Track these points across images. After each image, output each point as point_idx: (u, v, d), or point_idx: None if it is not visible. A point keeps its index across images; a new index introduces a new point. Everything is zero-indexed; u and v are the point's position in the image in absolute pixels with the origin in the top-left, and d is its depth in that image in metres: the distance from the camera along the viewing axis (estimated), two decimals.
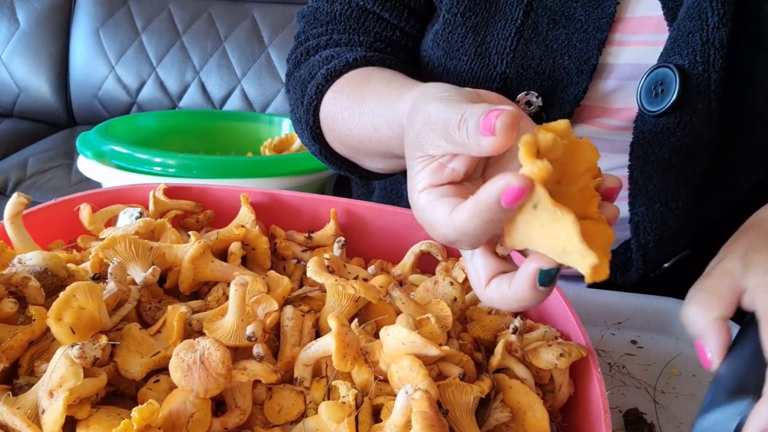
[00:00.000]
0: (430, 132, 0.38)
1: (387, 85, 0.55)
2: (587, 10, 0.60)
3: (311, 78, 0.66)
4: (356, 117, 0.58)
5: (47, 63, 2.08)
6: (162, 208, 0.61)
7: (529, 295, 0.36)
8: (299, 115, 0.69)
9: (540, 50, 0.62)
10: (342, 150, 0.67)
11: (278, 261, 0.60)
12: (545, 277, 0.35)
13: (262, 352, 0.43)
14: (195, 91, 2.01)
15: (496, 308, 0.40)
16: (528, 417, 0.45)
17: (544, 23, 0.61)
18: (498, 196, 0.33)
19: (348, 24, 0.70)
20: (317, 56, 0.68)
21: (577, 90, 0.62)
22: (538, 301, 0.37)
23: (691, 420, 0.56)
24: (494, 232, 0.36)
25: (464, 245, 0.37)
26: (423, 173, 0.39)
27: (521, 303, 0.37)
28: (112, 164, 1.18)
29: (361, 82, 0.60)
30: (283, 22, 1.97)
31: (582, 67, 0.61)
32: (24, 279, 0.44)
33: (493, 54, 0.63)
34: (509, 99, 0.64)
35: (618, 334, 0.66)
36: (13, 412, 0.36)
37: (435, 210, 0.38)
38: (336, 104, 0.62)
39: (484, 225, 0.35)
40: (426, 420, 0.36)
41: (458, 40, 0.64)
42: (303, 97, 0.67)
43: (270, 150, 1.45)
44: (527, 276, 0.35)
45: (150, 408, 0.36)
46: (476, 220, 0.34)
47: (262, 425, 0.42)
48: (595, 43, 0.60)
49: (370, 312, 0.50)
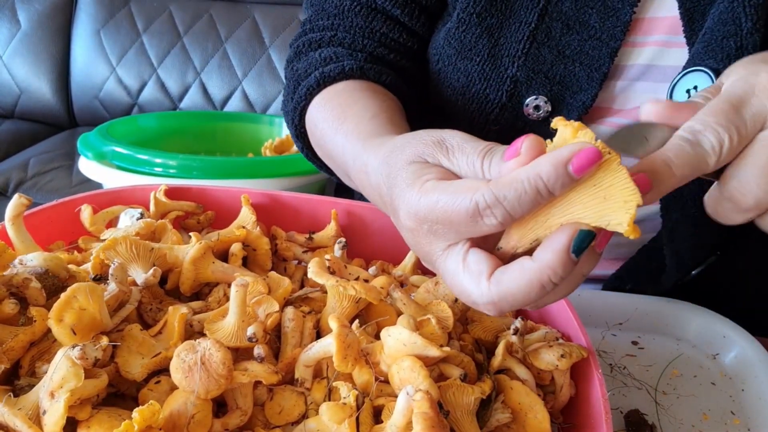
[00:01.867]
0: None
1: (369, 119, 0.55)
2: (602, 17, 0.60)
3: (306, 76, 0.66)
4: (333, 133, 0.58)
5: (48, 64, 2.08)
6: (163, 209, 0.61)
7: (559, 265, 0.34)
8: (288, 109, 0.69)
9: (552, 55, 0.62)
10: (320, 154, 0.67)
11: (279, 262, 0.60)
12: (583, 240, 0.34)
13: (262, 353, 0.43)
14: (196, 92, 2.02)
15: (493, 311, 0.39)
16: (529, 418, 0.45)
17: (557, 28, 0.61)
18: (565, 163, 0.32)
19: (355, 21, 0.69)
20: (317, 53, 0.68)
21: (586, 97, 0.62)
22: (562, 276, 0.34)
23: (692, 421, 0.56)
24: (529, 212, 0.35)
25: (494, 219, 0.35)
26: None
27: (546, 284, 0.35)
28: (113, 165, 1.18)
29: (348, 102, 0.59)
30: (283, 23, 1.97)
31: (593, 74, 0.61)
32: (25, 280, 0.44)
33: (505, 56, 0.63)
34: (518, 103, 0.64)
35: (619, 335, 0.66)
36: (14, 413, 0.36)
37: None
38: (320, 113, 0.62)
39: (532, 196, 0.33)
40: (427, 421, 0.36)
41: (472, 40, 0.64)
42: (294, 94, 0.67)
43: (271, 151, 1.45)
44: (560, 243, 0.34)
45: (151, 409, 0.36)
46: (527, 186, 0.33)
47: (263, 426, 0.42)
48: (608, 51, 0.60)
49: (371, 313, 0.50)
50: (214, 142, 1.63)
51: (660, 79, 0.61)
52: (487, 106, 0.66)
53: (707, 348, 0.64)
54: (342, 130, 0.56)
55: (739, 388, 0.59)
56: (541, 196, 0.33)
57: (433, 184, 0.37)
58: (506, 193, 0.33)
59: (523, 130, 0.65)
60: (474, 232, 0.36)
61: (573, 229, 0.34)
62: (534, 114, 0.64)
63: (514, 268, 0.36)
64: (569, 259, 0.34)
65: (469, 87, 0.66)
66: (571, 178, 0.33)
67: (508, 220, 0.35)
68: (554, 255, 0.34)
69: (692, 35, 0.58)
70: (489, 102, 0.65)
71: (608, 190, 0.33)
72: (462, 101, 0.67)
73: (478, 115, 0.67)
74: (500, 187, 0.34)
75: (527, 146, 0.34)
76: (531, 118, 0.64)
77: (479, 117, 0.67)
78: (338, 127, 0.57)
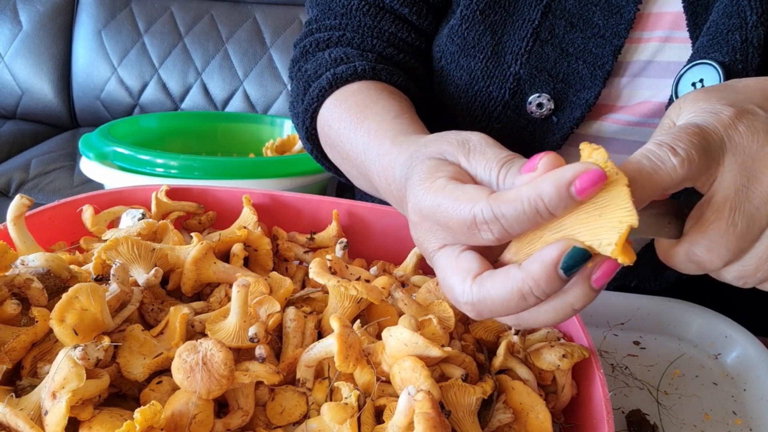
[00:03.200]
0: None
1: (393, 119, 0.54)
2: (606, 15, 0.60)
3: (316, 77, 0.66)
4: (351, 132, 0.57)
5: (50, 65, 2.08)
6: (164, 209, 0.61)
7: (543, 278, 0.32)
8: (298, 111, 0.68)
9: (555, 53, 0.62)
10: (332, 155, 0.66)
11: (280, 262, 0.60)
12: (574, 257, 0.32)
13: (264, 354, 0.43)
14: (197, 93, 2.02)
15: (472, 313, 0.37)
16: (530, 418, 0.45)
17: (561, 26, 0.61)
18: (568, 184, 0.31)
19: (363, 20, 0.69)
20: (326, 53, 0.67)
21: (589, 95, 0.62)
22: (545, 293, 0.33)
23: (694, 421, 0.55)
24: (529, 230, 0.34)
25: (490, 234, 0.34)
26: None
27: (528, 297, 0.33)
28: (114, 165, 1.18)
29: (366, 102, 0.59)
30: (284, 24, 1.97)
31: (596, 72, 0.61)
32: (27, 280, 0.44)
33: (508, 54, 0.63)
34: (521, 100, 0.64)
35: (620, 335, 0.66)
36: (16, 414, 0.36)
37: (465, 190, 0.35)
38: (334, 113, 0.62)
39: (531, 216, 0.32)
40: (428, 421, 0.36)
41: (475, 37, 0.64)
42: (305, 95, 0.67)
43: (272, 151, 1.45)
44: (549, 256, 0.32)
45: (152, 409, 0.36)
46: (526, 206, 0.32)
47: (265, 426, 0.42)
48: (611, 49, 0.60)
49: (373, 313, 0.50)
50: (216, 142, 1.63)
51: (661, 75, 0.61)
52: (490, 103, 0.65)
53: (709, 348, 0.64)
54: (363, 128, 0.55)
55: (741, 388, 0.59)
56: (540, 217, 0.32)
57: (443, 182, 0.36)
58: (505, 210, 0.33)
59: (526, 128, 0.65)
60: (471, 241, 0.36)
61: (566, 244, 0.32)
62: (537, 112, 0.64)
63: (500, 272, 0.35)
64: (555, 275, 0.33)
65: (472, 85, 0.66)
66: (573, 200, 0.31)
67: (506, 237, 0.34)
68: (540, 266, 0.33)
69: (696, 29, 0.58)
70: (492, 99, 0.65)
71: (604, 209, 0.31)
72: (465, 99, 0.67)
73: (481, 113, 0.67)
74: (500, 202, 0.33)
75: (544, 163, 0.33)
76: (534, 115, 0.64)
77: (482, 115, 0.67)
78: (358, 126, 0.56)
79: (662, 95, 0.61)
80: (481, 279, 0.35)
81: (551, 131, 0.65)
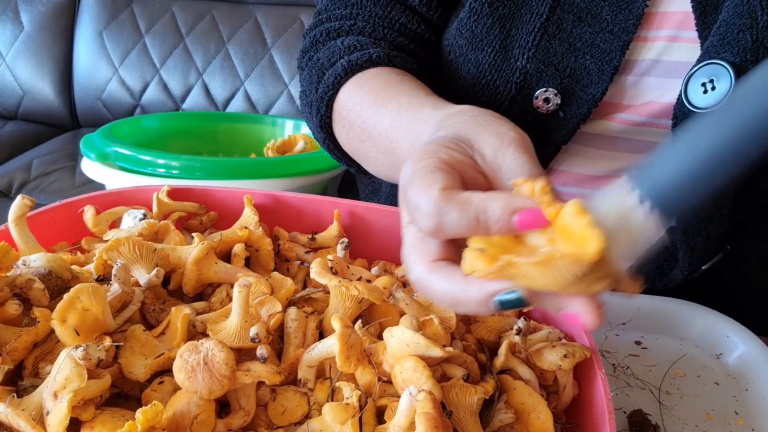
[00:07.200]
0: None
1: (425, 95, 0.55)
2: (614, 10, 0.60)
3: (330, 65, 0.65)
4: (375, 112, 0.57)
5: (51, 65, 2.08)
6: (165, 209, 0.61)
7: (474, 303, 0.35)
8: (311, 99, 0.68)
9: (563, 47, 0.62)
10: (347, 143, 0.66)
11: (281, 262, 0.60)
12: (510, 300, 0.34)
13: (265, 354, 0.43)
14: (198, 93, 2.02)
15: (415, 290, 0.42)
16: (532, 418, 0.44)
17: (569, 20, 0.61)
18: (512, 212, 0.33)
19: (374, 10, 0.69)
20: (338, 42, 0.67)
21: (596, 90, 0.62)
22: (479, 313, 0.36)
23: (696, 421, 0.55)
24: (466, 234, 0.36)
25: (425, 224, 0.36)
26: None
27: (458, 307, 0.36)
28: (115, 166, 1.18)
29: (390, 84, 0.59)
30: (285, 24, 1.97)
31: (603, 68, 0.61)
32: (28, 281, 0.44)
33: (515, 48, 0.63)
34: (528, 95, 0.64)
35: (622, 335, 0.65)
36: (17, 414, 0.36)
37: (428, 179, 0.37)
38: (354, 97, 0.61)
39: (469, 222, 0.34)
40: (430, 421, 0.36)
41: (483, 30, 0.64)
42: (319, 83, 0.66)
43: (273, 151, 1.45)
44: (490, 287, 0.34)
45: (154, 409, 0.36)
46: (470, 211, 0.34)
47: (266, 426, 0.42)
48: (620, 44, 0.60)
49: (374, 313, 0.50)
50: (217, 142, 1.63)
51: (668, 75, 0.61)
52: (497, 98, 0.65)
53: (711, 348, 0.64)
54: (392, 104, 0.55)
55: (743, 388, 0.59)
56: (478, 227, 0.34)
57: (432, 165, 0.38)
58: (449, 209, 0.35)
59: (532, 124, 0.65)
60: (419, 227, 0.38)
61: (511, 285, 0.34)
62: (544, 107, 0.64)
63: (448, 272, 0.37)
64: (487, 306, 0.35)
65: (480, 78, 0.66)
66: (509, 227, 0.33)
67: (440, 234, 0.36)
68: (478, 293, 0.35)
69: (704, 29, 0.57)
70: (499, 94, 0.65)
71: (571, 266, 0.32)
72: (472, 93, 0.67)
73: (488, 107, 0.67)
74: (450, 200, 0.35)
75: (528, 216, 0.34)
76: (541, 110, 0.64)
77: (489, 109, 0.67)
78: (385, 104, 0.56)
79: (669, 95, 0.61)
80: (432, 267, 0.37)
81: (557, 127, 0.65)
